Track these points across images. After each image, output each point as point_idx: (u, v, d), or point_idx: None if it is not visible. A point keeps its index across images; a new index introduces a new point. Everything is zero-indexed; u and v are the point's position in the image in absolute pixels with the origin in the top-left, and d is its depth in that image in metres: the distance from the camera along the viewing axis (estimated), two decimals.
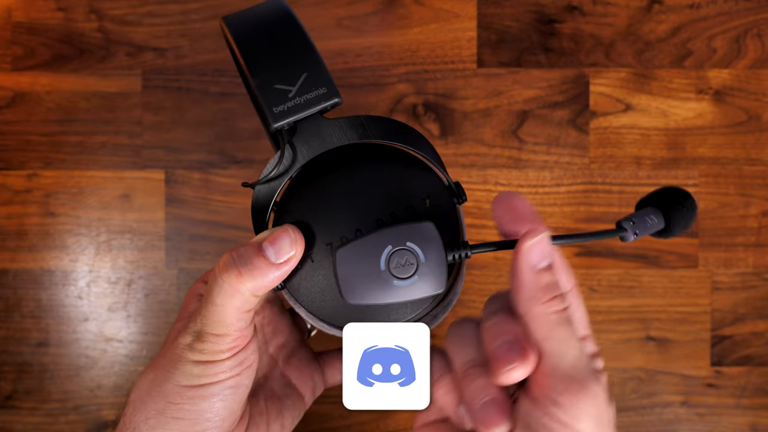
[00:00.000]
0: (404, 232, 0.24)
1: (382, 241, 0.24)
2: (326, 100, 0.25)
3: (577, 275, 0.47)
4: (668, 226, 0.27)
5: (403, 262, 0.24)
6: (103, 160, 0.47)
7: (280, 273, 0.24)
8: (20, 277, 0.47)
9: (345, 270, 0.24)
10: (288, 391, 0.32)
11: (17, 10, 0.47)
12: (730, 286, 0.47)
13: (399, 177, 0.27)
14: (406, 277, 0.24)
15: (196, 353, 0.25)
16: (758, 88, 0.47)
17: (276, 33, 0.26)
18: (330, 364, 0.34)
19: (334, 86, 0.26)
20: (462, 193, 0.27)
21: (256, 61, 0.26)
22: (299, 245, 0.25)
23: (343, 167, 0.27)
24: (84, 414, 0.47)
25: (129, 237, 0.47)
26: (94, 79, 0.47)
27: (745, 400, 0.47)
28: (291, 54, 0.26)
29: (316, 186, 0.27)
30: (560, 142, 0.47)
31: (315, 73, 0.26)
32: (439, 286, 0.24)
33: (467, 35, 0.47)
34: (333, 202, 0.26)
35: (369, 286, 0.24)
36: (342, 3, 0.47)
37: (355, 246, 0.24)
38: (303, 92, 0.25)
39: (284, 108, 0.25)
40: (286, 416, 0.31)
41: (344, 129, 0.26)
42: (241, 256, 0.24)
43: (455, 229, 0.26)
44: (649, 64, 0.47)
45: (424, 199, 0.26)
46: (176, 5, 0.47)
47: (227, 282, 0.24)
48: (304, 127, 0.26)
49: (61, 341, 0.47)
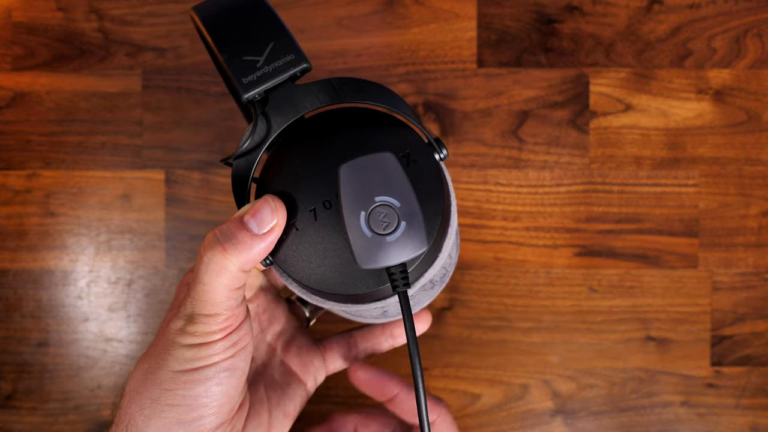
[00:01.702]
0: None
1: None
2: (295, 66, 0.25)
3: (578, 275, 0.47)
4: None
5: (383, 217, 0.24)
6: (103, 160, 0.47)
7: (264, 244, 0.24)
8: (20, 277, 0.47)
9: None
10: (289, 379, 0.32)
11: (17, 10, 0.47)
12: (730, 286, 0.47)
13: (377, 136, 0.26)
14: (391, 231, 0.24)
15: (187, 336, 0.25)
16: (758, 88, 0.47)
17: (241, 10, 0.26)
18: (330, 348, 0.34)
19: (302, 52, 0.26)
20: (443, 147, 0.27)
21: (222, 38, 0.26)
22: (281, 214, 0.25)
23: (319, 132, 0.27)
24: (84, 414, 0.47)
25: (129, 237, 0.47)
26: (94, 79, 0.47)
27: (745, 400, 0.47)
28: (257, 27, 0.26)
29: (294, 153, 0.27)
30: (560, 142, 0.47)
31: (282, 42, 0.25)
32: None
33: (467, 35, 0.47)
34: (312, 167, 0.26)
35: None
36: (342, 3, 0.47)
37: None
38: (271, 61, 0.25)
39: (253, 77, 0.25)
40: (288, 404, 0.31)
41: (316, 93, 0.26)
42: (224, 232, 0.24)
43: (439, 185, 0.26)
44: (649, 64, 0.47)
45: (404, 156, 0.26)
46: (176, 5, 0.47)
47: (213, 260, 0.24)
48: (275, 95, 0.25)
49: (61, 341, 0.47)
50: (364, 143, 0.26)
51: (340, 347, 0.34)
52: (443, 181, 0.26)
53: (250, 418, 0.29)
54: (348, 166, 0.24)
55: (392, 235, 0.24)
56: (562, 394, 0.47)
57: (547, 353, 0.47)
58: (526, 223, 0.47)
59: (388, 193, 0.24)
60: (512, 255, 0.47)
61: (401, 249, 0.24)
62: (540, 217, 0.47)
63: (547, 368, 0.47)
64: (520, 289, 0.47)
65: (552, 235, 0.47)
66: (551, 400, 0.47)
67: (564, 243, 0.47)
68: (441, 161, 0.27)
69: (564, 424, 0.47)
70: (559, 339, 0.47)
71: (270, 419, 0.30)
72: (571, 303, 0.47)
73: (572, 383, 0.47)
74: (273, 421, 0.30)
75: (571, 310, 0.47)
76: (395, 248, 0.24)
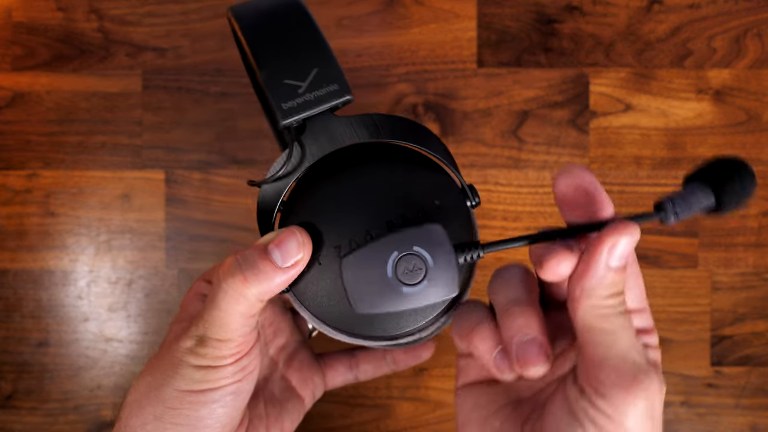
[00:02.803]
0: (411, 236, 0.23)
1: (388, 246, 0.23)
2: (338, 98, 0.24)
3: None
4: (719, 201, 0.23)
5: (411, 267, 0.23)
6: (103, 160, 0.47)
7: (286, 277, 0.24)
8: (20, 277, 0.47)
9: (352, 278, 0.23)
10: (288, 395, 0.32)
11: (17, 10, 0.47)
12: (730, 286, 0.47)
13: (410, 178, 0.26)
14: (414, 283, 0.23)
15: (198, 358, 0.25)
16: (758, 88, 0.47)
17: (286, 25, 0.25)
18: (331, 366, 0.34)
19: (347, 83, 0.25)
20: (475, 194, 0.26)
21: (264, 54, 0.25)
22: (307, 248, 0.24)
23: (353, 167, 0.26)
24: (84, 414, 0.47)
25: (129, 237, 0.47)
26: (94, 79, 0.47)
27: (744, 400, 0.47)
28: (301, 48, 0.25)
29: (324, 186, 0.26)
30: (560, 142, 0.47)
31: (326, 69, 0.25)
32: (451, 290, 0.23)
33: (467, 35, 0.47)
34: (341, 203, 0.25)
35: (377, 294, 0.23)
36: (342, 3, 0.47)
37: (362, 253, 0.23)
38: (313, 88, 0.24)
39: (294, 104, 0.24)
40: (286, 419, 0.31)
41: (355, 127, 0.25)
42: (246, 259, 0.23)
43: (467, 231, 0.25)
44: (649, 64, 0.47)
45: (435, 201, 0.25)
46: (176, 5, 0.47)
47: (232, 287, 0.23)
48: (313, 124, 0.25)
49: (61, 341, 0.47)
50: (396, 184, 0.25)
51: (341, 365, 0.34)
52: (472, 227, 0.26)
53: None
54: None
55: (413, 287, 0.23)
56: None
57: None
58: (526, 223, 0.47)
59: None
60: (512, 255, 0.47)
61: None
62: (540, 217, 0.47)
63: None
64: None
65: None
66: None
67: None
68: (472, 208, 0.26)
69: None
70: None
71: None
72: None
73: None
74: None
75: None
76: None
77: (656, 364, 0.24)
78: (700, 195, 0.23)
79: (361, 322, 0.25)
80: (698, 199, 0.23)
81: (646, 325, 0.25)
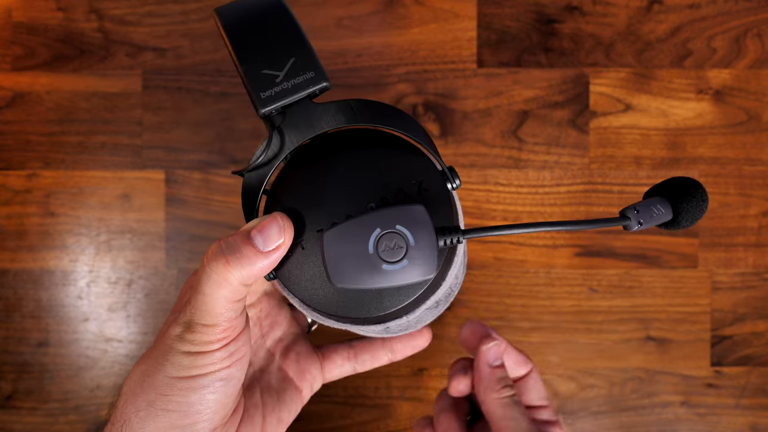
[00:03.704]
0: (393, 215, 0.23)
1: (370, 224, 0.23)
2: (314, 84, 0.25)
3: (577, 275, 0.47)
4: (676, 216, 0.26)
5: (392, 245, 0.23)
6: (103, 160, 0.47)
7: (268, 261, 0.24)
8: (20, 277, 0.47)
9: (332, 253, 0.23)
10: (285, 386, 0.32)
11: (17, 10, 0.47)
12: (730, 286, 0.47)
13: (390, 162, 0.26)
14: (395, 260, 0.23)
15: (186, 344, 0.25)
16: (758, 88, 0.47)
17: (265, 21, 0.26)
18: (329, 358, 0.34)
19: (323, 70, 0.25)
20: (455, 176, 0.26)
21: (244, 48, 0.25)
22: (288, 233, 0.25)
23: (334, 153, 0.27)
24: (84, 414, 0.47)
25: (129, 237, 0.47)
26: (94, 79, 0.47)
27: (744, 400, 0.47)
28: (279, 40, 0.25)
29: (306, 172, 0.26)
30: (560, 142, 0.47)
31: (303, 58, 0.25)
32: (430, 271, 0.24)
33: (467, 35, 0.47)
34: (323, 188, 0.26)
35: (357, 269, 0.23)
36: (342, 3, 0.47)
37: (343, 228, 0.23)
38: (291, 77, 0.25)
39: (271, 93, 0.25)
40: (283, 410, 0.31)
41: (334, 113, 0.25)
42: (229, 244, 0.24)
43: (449, 214, 0.26)
44: (649, 64, 0.47)
45: (416, 183, 0.26)
46: (176, 5, 0.47)
47: (215, 271, 0.24)
48: (292, 112, 0.25)
49: (61, 341, 0.47)
50: (377, 168, 0.26)
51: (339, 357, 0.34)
52: (453, 209, 0.26)
53: (243, 423, 0.29)
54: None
55: (394, 264, 0.23)
56: (562, 394, 0.47)
57: (547, 353, 0.47)
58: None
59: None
60: (512, 255, 0.47)
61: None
62: (540, 217, 0.47)
63: (547, 368, 0.47)
64: (520, 289, 0.47)
65: (552, 236, 0.47)
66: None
67: (564, 243, 0.47)
68: (453, 190, 0.26)
69: (564, 424, 0.47)
70: (559, 339, 0.47)
71: (264, 424, 0.30)
72: (571, 303, 0.47)
73: (572, 383, 0.47)
74: (267, 426, 0.30)
75: (571, 310, 0.47)
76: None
77: None
78: (661, 207, 0.26)
79: (346, 304, 0.25)
80: (659, 211, 0.26)
81: (550, 417, 0.33)
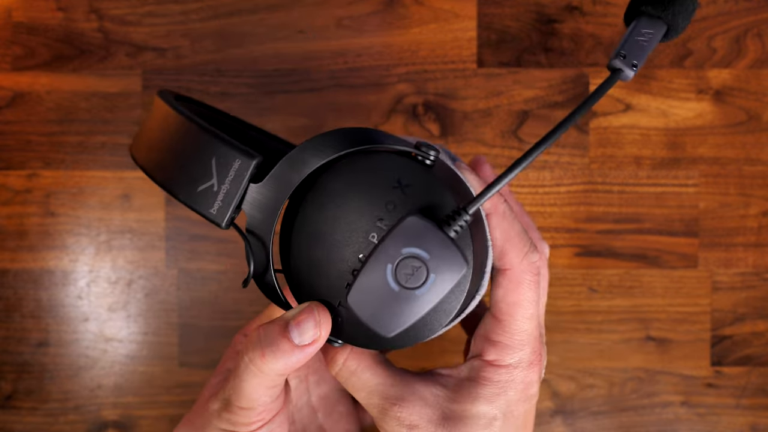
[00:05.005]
0: (393, 242, 0.22)
1: (377, 264, 0.22)
2: (246, 170, 0.24)
3: (577, 275, 0.47)
4: (669, 24, 0.22)
5: (410, 271, 0.22)
6: (103, 160, 0.47)
7: (303, 355, 0.24)
8: (20, 277, 0.47)
9: (365, 313, 0.23)
10: None
11: (17, 10, 0.47)
12: (730, 286, 0.47)
13: (361, 182, 0.25)
14: (422, 283, 0.22)
15: (223, 422, 0.25)
16: (758, 88, 0.47)
17: (171, 135, 0.25)
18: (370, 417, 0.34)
19: (243, 149, 0.24)
20: (430, 149, 0.24)
21: (170, 180, 0.24)
22: (324, 327, 0.24)
23: (310, 208, 0.25)
24: (84, 414, 0.47)
25: (129, 237, 0.47)
26: (94, 79, 0.47)
27: (745, 400, 0.47)
28: (191, 148, 0.24)
29: (300, 239, 0.25)
30: (560, 142, 0.47)
31: (220, 151, 0.24)
32: (461, 267, 0.22)
33: (467, 35, 0.47)
34: (322, 246, 0.25)
35: (396, 313, 0.22)
36: (342, 3, 0.47)
37: (359, 285, 0.23)
38: (222, 178, 0.24)
39: (219, 204, 0.24)
40: None
41: (280, 183, 0.24)
42: (267, 335, 0.24)
43: (445, 191, 0.24)
44: (649, 64, 0.47)
45: (397, 186, 0.24)
46: (176, 5, 0.47)
47: (252, 361, 0.24)
48: (246, 207, 0.24)
49: (61, 341, 0.47)
50: (355, 196, 0.24)
51: None
52: (446, 182, 0.25)
53: None
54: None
55: (423, 287, 0.22)
56: (562, 393, 0.47)
57: (546, 353, 0.47)
58: None
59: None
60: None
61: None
62: (540, 217, 0.47)
63: (547, 368, 0.47)
64: None
65: (552, 235, 0.47)
66: (551, 399, 0.47)
67: (564, 243, 0.47)
68: (432, 165, 0.25)
69: (564, 424, 0.47)
70: (559, 339, 0.47)
71: None
72: (571, 303, 0.47)
73: (572, 383, 0.47)
74: None
75: (571, 310, 0.47)
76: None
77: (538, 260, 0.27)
78: (646, 30, 0.21)
79: (416, 332, 0.24)
80: (647, 34, 0.21)
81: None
